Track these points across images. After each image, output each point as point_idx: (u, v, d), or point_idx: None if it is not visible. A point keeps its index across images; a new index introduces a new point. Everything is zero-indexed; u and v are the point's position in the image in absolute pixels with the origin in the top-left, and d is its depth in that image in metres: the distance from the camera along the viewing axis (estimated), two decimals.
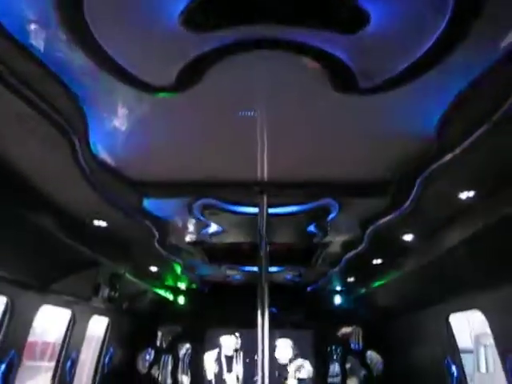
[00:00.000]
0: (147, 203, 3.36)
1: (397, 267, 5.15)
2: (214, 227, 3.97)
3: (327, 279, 6.63)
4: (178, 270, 5.68)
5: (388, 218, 3.52)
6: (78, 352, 5.70)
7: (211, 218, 3.66)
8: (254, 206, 3.25)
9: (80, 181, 2.91)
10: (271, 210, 3.42)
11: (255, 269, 5.81)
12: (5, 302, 4.17)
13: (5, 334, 4.11)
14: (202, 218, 3.66)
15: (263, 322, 2.78)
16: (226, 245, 4.69)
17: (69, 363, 5.44)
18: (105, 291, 4.74)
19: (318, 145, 2.69)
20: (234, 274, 6.23)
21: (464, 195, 3.00)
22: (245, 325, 7.61)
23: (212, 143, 2.68)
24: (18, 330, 4.30)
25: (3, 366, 4.15)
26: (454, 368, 5.43)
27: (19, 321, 4.27)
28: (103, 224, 3.73)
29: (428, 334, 5.99)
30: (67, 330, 5.43)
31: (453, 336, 5.48)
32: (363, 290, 6.73)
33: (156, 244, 4.41)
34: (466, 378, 5.37)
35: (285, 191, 3.14)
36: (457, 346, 5.49)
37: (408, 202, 3.18)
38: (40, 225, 3.47)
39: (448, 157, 2.53)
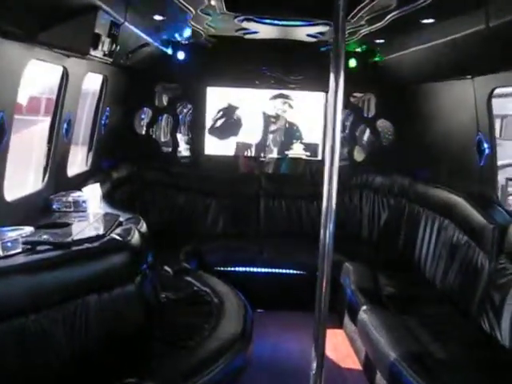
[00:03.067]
0: None
1: (448, 27, 4.31)
2: None
3: (350, 40, 5.79)
4: (185, 19, 4.79)
5: None
6: (74, 113, 5.08)
7: None
8: None
9: None
10: None
11: (276, 22, 5.00)
12: None
13: None
14: None
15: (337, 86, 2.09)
16: None
17: (65, 125, 4.86)
18: (105, 43, 3.92)
19: None
20: (247, 28, 5.33)
21: None
22: (252, 85, 7.07)
23: None
24: (4, 90, 3.61)
25: None
26: (485, 145, 5.02)
27: (4, 79, 3.55)
28: None
29: (460, 107, 5.46)
30: (60, 88, 4.73)
31: (491, 112, 4.96)
32: (394, 53, 5.91)
33: None
34: (496, 157, 5.01)
35: None
36: (493, 123, 5.00)
37: None
38: None
39: None
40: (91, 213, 4.62)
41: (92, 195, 4.72)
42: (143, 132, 7.32)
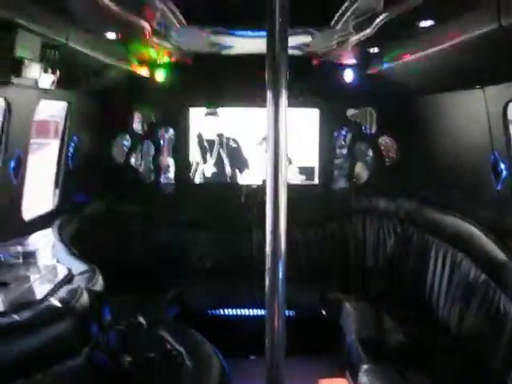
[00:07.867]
0: None
1: (451, 29, 3.58)
2: None
3: (341, 50, 5.11)
4: (143, 36, 4.15)
5: None
6: (25, 148, 4.44)
7: None
8: None
9: None
10: None
11: (249, 34, 4.34)
12: None
13: None
14: None
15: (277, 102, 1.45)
16: None
17: (12, 163, 4.22)
18: (32, 68, 3.27)
19: None
20: (220, 42, 4.70)
21: None
22: (237, 103, 6.49)
23: None
24: None
25: None
26: (502, 166, 4.30)
27: None
28: None
29: (470, 122, 4.74)
30: (3, 123, 4.08)
31: (507, 128, 4.25)
32: (392, 63, 5.20)
33: None
34: None
35: None
36: (511, 140, 4.28)
37: None
38: None
39: None
40: (42, 265, 3.96)
41: (43, 243, 4.06)
42: (122, 161, 6.66)
